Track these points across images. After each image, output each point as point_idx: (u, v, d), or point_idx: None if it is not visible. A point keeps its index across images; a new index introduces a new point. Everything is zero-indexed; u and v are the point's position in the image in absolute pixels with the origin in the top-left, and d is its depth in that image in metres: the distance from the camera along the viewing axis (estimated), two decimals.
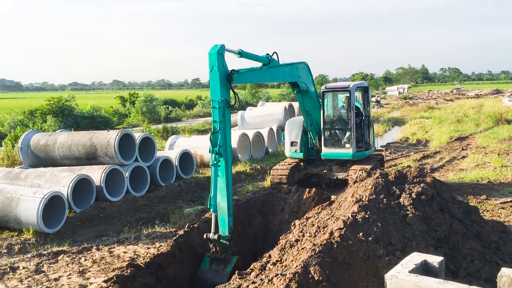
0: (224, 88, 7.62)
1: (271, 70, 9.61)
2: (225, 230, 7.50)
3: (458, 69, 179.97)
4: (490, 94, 65.47)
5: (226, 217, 7.48)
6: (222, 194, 7.60)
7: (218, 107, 7.56)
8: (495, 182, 12.17)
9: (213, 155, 7.59)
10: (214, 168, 7.58)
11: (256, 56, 9.46)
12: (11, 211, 9.79)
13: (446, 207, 6.27)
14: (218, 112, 7.57)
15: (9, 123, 26.72)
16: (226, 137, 7.69)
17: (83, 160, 12.48)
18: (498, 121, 25.47)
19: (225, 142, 7.64)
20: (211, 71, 7.56)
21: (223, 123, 7.61)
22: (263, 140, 18.82)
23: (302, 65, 11.11)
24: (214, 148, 7.59)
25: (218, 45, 7.59)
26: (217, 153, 7.56)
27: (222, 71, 7.57)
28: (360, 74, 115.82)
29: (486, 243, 6.01)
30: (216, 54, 7.45)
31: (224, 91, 7.63)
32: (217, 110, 7.57)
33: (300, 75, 10.89)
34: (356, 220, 5.53)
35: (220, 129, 7.56)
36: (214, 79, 7.61)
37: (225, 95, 7.64)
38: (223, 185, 7.58)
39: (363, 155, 12.10)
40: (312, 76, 11.61)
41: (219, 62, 7.49)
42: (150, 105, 36.09)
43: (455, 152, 17.80)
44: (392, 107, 46.81)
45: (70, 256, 8.34)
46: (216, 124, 7.62)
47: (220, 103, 7.54)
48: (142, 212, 11.58)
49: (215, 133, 7.60)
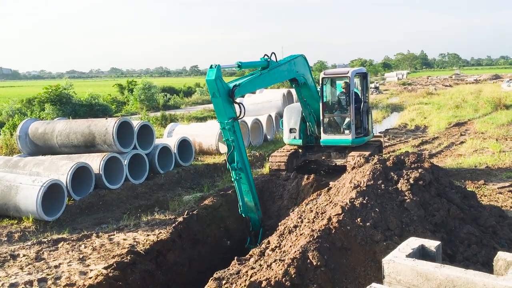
0: (228, 108, 7.70)
1: (270, 74, 9.53)
2: (256, 222, 8.35)
3: (457, 55, 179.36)
4: (489, 79, 65.28)
5: (255, 211, 8.24)
6: (248, 196, 8.11)
7: (228, 128, 7.70)
8: (493, 167, 12.20)
9: (233, 172, 7.94)
10: (237, 182, 8.01)
11: (255, 63, 9.40)
12: (11, 199, 9.81)
13: (443, 192, 6.30)
14: (228, 132, 7.74)
15: (7, 111, 26.63)
16: (241, 150, 7.91)
17: (81, 148, 12.48)
18: (497, 106, 25.45)
19: (240, 155, 7.88)
20: (212, 96, 7.57)
21: (235, 139, 7.79)
22: (261, 127, 18.81)
23: (299, 58, 11.03)
24: (233, 164, 7.86)
25: (213, 69, 7.42)
26: (236, 169, 7.88)
27: (223, 92, 7.56)
28: (359, 60, 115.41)
29: (484, 227, 6.05)
30: (215, 81, 7.38)
31: (229, 109, 7.71)
32: (227, 130, 7.73)
33: (298, 69, 10.84)
34: (354, 206, 5.55)
35: (234, 146, 7.77)
36: (217, 104, 7.66)
37: (231, 114, 7.72)
38: (247, 188, 8.06)
39: (362, 141, 12.11)
40: (309, 67, 11.54)
41: (218, 86, 7.46)
42: (148, 93, 35.94)
43: (454, 137, 17.81)
44: (391, 93, 46.71)
45: (70, 244, 8.39)
46: (229, 142, 7.81)
47: (229, 124, 7.67)
48: (141, 199, 11.61)
49: (231, 153, 7.81)
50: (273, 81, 9.91)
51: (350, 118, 11.81)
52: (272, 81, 9.89)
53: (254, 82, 9.01)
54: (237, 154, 7.81)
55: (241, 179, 7.99)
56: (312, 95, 11.72)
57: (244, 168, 7.94)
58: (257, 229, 8.44)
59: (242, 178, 7.98)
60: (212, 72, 7.46)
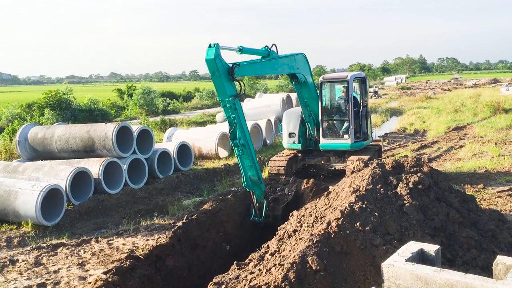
0: (229, 85, 7.79)
1: (271, 63, 9.66)
2: (260, 195, 8.59)
3: (456, 59, 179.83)
4: (488, 83, 65.42)
5: (258, 184, 8.47)
6: (251, 170, 8.34)
7: (229, 105, 7.83)
8: (492, 171, 12.21)
9: (236, 148, 8.13)
10: (240, 158, 8.22)
11: (256, 50, 9.51)
12: (10, 204, 9.80)
13: (443, 196, 6.30)
14: (229, 110, 7.87)
15: (6, 116, 26.66)
16: (243, 126, 8.06)
17: (81, 153, 12.48)
18: (496, 110, 25.49)
19: (242, 131, 8.05)
20: (213, 75, 7.63)
21: (237, 116, 7.94)
22: (261, 132, 18.82)
23: (300, 56, 11.10)
24: (235, 141, 8.05)
25: (212, 47, 7.47)
26: (239, 145, 8.06)
27: (223, 71, 7.63)
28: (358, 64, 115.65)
29: (483, 231, 6.05)
30: (214, 60, 7.44)
31: (230, 87, 7.81)
32: (228, 108, 7.85)
33: (299, 67, 10.89)
34: (353, 210, 5.55)
35: (236, 124, 7.93)
36: (218, 82, 7.74)
37: (231, 91, 7.84)
38: (250, 164, 8.30)
39: (361, 145, 12.13)
40: (310, 67, 11.59)
41: (218, 65, 7.53)
42: (147, 98, 35.97)
43: (453, 141, 17.83)
44: (390, 98, 46.78)
45: (69, 249, 8.38)
46: (230, 120, 7.95)
47: (230, 101, 7.80)
48: (141, 204, 11.60)
49: (233, 130, 7.99)
50: (273, 70, 10.02)
51: (349, 122, 11.84)
52: (272, 70, 10.00)
53: (254, 66, 9.13)
54: (239, 131, 7.99)
55: (243, 155, 8.20)
56: (312, 96, 11.76)
57: (247, 144, 8.11)
58: (261, 202, 8.69)
59: (244, 154, 8.19)
60: (211, 51, 7.52)
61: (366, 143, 12.39)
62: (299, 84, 11.34)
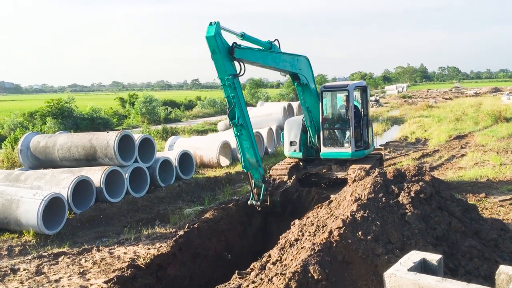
0: (229, 64, 7.95)
1: (273, 55, 9.83)
2: (259, 178, 8.64)
3: (457, 68, 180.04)
4: (489, 92, 65.50)
5: (257, 168, 8.57)
6: (249, 152, 8.45)
7: (229, 84, 7.98)
8: (494, 180, 12.19)
9: (234, 128, 8.28)
10: (238, 138, 8.34)
11: (258, 40, 9.66)
12: (12, 213, 9.80)
13: (445, 205, 6.29)
14: (229, 88, 8.01)
15: (8, 125, 26.74)
16: (242, 106, 8.21)
17: (83, 162, 12.49)
18: (497, 119, 25.49)
19: (241, 111, 8.19)
20: (213, 53, 7.78)
21: (236, 96, 8.08)
22: (262, 140, 18.84)
23: (303, 58, 11.18)
24: (234, 120, 8.20)
25: (213, 26, 7.62)
26: (237, 124, 8.21)
27: (223, 49, 7.80)
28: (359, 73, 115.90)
29: (485, 241, 6.03)
30: (214, 37, 7.60)
31: (230, 66, 7.97)
32: (227, 86, 8.00)
33: (301, 68, 10.98)
34: (355, 219, 5.54)
35: (235, 103, 8.08)
36: (217, 60, 7.89)
37: (231, 71, 7.99)
38: (249, 145, 8.43)
39: (362, 154, 12.12)
40: (312, 71, 11.65)
41: (218, 42, 7.72)
42: (149, 106, 36.09)
43: (454, 150, 17.81)
44: (391, 106, 46.83)
45: (70, 257, 8.36)
46: (229, 99, 8.08)
47: (229, 80, 7.95)
48: (142, 213, 11.59)
49: (232, 109, 8.13)
50: (274, 63, 10.08)
51: (349, 131, 11.84)
52: (273, 63, 10.06)
53: (255, 52, 9.28)
54: (237, 110, 8.11)
55: (242, 135, 8.32)
56: (314, 101, 11.82)
57: (245, 124, 8.24)
58: (259, 186, 8.67)
59: (243, 134, 8.31)
60: (212, 29, 7.65)
61: (367, 152, 12.37)
62: (301, 86, 11.40)
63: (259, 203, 8.78)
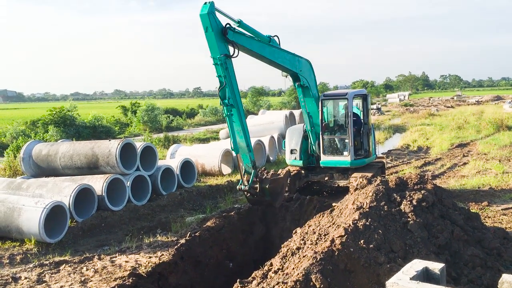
0: (221, 44, 8.11)
1: (271, 48, 9.96)
2: (248, 163, 8.71)
3: (459, 76, 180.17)
4: (491, 100, 65.52)
5: (247, 153, 8.65)
6: (240, 136, 8.55)
7: (220, 63, 8.12)
8: (497, 188, 12.15)
9: (225, 107, 8.41)
10: (228, 118, 8.47)
11: (257, 31, 9.75)
12: (13, 221, 9.80)
13: (447, 214, 6.28)
14: (220, 68, 8.16)
15: (11, 133, 26.83)
16: (233, 87, 8.34)
17: (84, 170, 12.50)
18: (499, 127, 25.48)
19: (233, 92, 8.32)
20: (206, 31, 8.05)
21: (228, 76, 8.22)
22: (264, 148, 18.84)
23: (305, 60, 11.21)
24: (224, 100, 8.33)
25: (207, 5, 7.82)
26: (228, 104, 8.34)
27: (216, 28, 8.03)
28: (361, 81, 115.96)
29: (488, 249, 6.01)
30: (207, 15, 7.77)
31: (222, 46, 8.13)
32: (219, 66, 8.14)
33: (302, 69, 10.99)
34: (357, 228, 5.53)
35: (226, 82, 8.22)
36: (210, 39, 8.06)
37: (223, 50, 8.14)
38: (239, 128, 8.51)
39: (362, 163, 12.07)
40: (315, 76, 11.66)
41: (211, 21, 7.96)
42: (151, 114, 36.18)
43: (456, 158, 17.79)
44: (393, 114, 46.85)
45: (71, 266, 8.34)
46: (221, 79, 8.23)
47: (220, 59, 8.10)
48: (144, 221, 11.58)
49: (223, 88, 8.28)
50: (271, 56, 10.16)
51: (349, 140, 11.82)
52: (271, 56, 10.15)
53: (252, 40, 9.49)
54: (228, 91, 8.26)
55: (232, 115, 8.45)
56: (315, 106, 11.83)
57: (236, 105, 8.35)
58: (249, 171, 8.73)
59: (233, 115, 8.43)
60: (205, 7, 7.82)
61: (368, 160, 12.33)
62: (302, 88, 11.41)
63: (247, 188, 8.83)
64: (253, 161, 8.74)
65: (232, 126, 8.51)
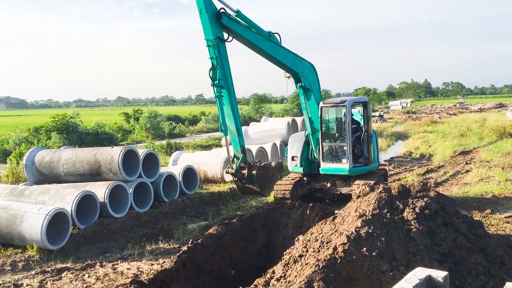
0: (215, 26, 8.52)
1: (270, 43, 10.34)
2: (237, 148, 8.99)
3: (461, 83, 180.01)
4: (493, 108, 65.49)
5: (236, 138, 8.94)
6: (230, 119, 8.84)
7: (212, 45, 8.54)
8: (500, 196, 12.10)
9: (215, 88, 8.74)
10: (218, 99, 8.77)
11: (256, 25, 10.04)
12: (16, 228, 9.81)
13: (450, 222, 6.25)
14: (213, 49, 8.56)
15: (14, 140, 26.88)
16: (225, 70, 8.70)
17: (87, 177, 12.52)
18: (502, 135, 25.43)
19: (224, 74, 8.68)
20: (200, 13, 8.50)
21: (219, 58, 8.61)
22: (266, 155, 18.84)
23: (308, 63, 11.27)
24: (215, 82, 8.69)
25: None
26: (218, 86, 8.68)
27: (211, 10, 8.44)
28: (363, 88, 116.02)
29: (491, 257, 5.98)
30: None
31: (216, 29, 8.54)
32: (212, 47, 8.55)
33: (304, 71, 11.05)
34: (359, 235, 5.51)
35: (217, 64, 8.61)
36: (204, 20, 8.44)
37: (216, 33, 8.57)
38: (229, 112, 8.81)
39: (361, 170, 12.01)
40: (318, 80, 11.68)
41: (205, 4, 8.39)
42: (154, 121, 36.24)
43: (459, 166, 17.74)
44: (396, 122, 46.84)
45: (73, 273, 8.32)
46: (213, 61, 8.60)
47: (213, 41, 8.53)
48: (146, 228, 11.57)
49: (214, 69, 8.67)
50: (270, 51, 10.42)
51: (347, 147, 11.80)
52: (270, 51, 10.41)
53: (248, 31, 9.74)
54: (220, 72, 8.61)
55: (222, 97, 8.77)
56: (317, 111, 11.85)
57: (227, 87, 8.68)
58: (238, 156, 9.05)
59: (224, 97, 8.75)
60: None
61: (368, 168, 12.25)
62: (303, 89, 11.50)
63: (234, 172, 9.10)
64: (242, 146, 9.04)
65: (222, 108, 8.81)
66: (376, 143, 12.87)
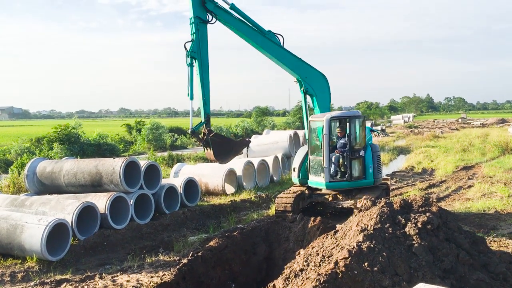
0: (197, 8, 9.72)
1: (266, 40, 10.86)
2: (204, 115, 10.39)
3: (463, 98, 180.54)
4: (496, 123, 65.49)
5: (201, 105, 10.26)
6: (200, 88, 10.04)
7: (191, 23, 9.91)
8: (502, 212, 12.04)
9: (187, 58, 9.96)
10: (190, 68, 10.00)
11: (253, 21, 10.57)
12: (15, 238, 9.77)
13: (452, 237, 6.21)
14: (194, 26, 9.89)
15: (16, 150, 26.91)
16: (201, 45, 9.88)
17: (88, 188, 12.51)
18: (504, 150, 25.39)
19: (198, 48, 9.86)
20: None
21: (197, 34, 9.85)
22: (268, 168, 18.82)
23: (317, 72, 11.47)
24: (191, 52, 9.89)
25: None
26: (191, 56, 9.88)
27: None
28: (365, 102, 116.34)
29: (494, 274, 5.92)
30: None
31: (197, 9, 9.73)
32: (191, 24, 9.92)
33: (308, 76, 11.17)
34: (361, 250, 5.48)
35: (193, 39, 9.86)
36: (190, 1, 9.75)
37: (197, 13, 9.78)
38: (199, 82, 9.96)
39: (342, 186, 12.04)
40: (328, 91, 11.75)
41: None
42: (156, 133, 36.30)
43: (461, 181, 17.69)
44: (397, 136, 46.84)
45: (73, 285, 8.27)
46: (192, 36, 9.85)
47: (194, 19, 9.85)
48: (146, 240, 11.52)
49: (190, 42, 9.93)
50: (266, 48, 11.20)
51: (323, 161, 11.84)
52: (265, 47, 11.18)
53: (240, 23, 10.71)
54: (195, 45, 9.82)
55: (193, 66, 9.93)
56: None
57: (200, 60, 9.79)
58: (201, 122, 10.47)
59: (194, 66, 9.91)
60: None
61: (354, 184, 12.08)
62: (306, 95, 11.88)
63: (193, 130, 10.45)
64: (207, 114, 10.22)
65: (192, 77, 9.94)
66: (377, 158, 12.63)
